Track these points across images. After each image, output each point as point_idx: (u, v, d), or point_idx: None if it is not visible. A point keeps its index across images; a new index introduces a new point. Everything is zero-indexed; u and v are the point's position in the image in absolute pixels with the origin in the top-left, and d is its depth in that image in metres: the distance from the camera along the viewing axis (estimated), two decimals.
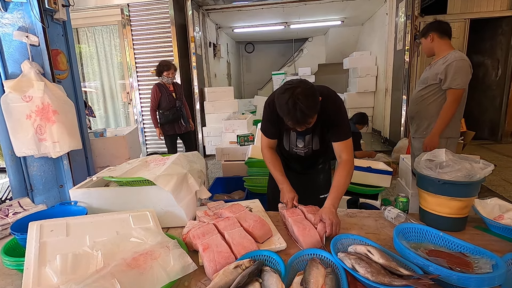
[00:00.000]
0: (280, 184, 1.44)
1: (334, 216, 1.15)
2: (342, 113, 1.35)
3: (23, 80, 2.12)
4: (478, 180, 1.10)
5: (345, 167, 1.33)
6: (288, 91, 1.14)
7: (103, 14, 4.97)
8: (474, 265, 0.83)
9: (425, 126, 2.14)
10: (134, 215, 1.14)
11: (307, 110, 1.13)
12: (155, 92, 3.52)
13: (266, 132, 1.49)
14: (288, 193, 1.38)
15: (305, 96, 1.12)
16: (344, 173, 1.32)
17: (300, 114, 1.13)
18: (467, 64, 1.95)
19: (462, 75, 1.93)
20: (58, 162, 2.41)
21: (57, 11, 2.30)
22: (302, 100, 1.11)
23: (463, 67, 1.93)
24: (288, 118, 1.18)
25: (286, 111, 1.15)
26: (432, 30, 2.11)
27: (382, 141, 5.94)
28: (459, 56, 1.97)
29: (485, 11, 4.88)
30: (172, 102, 3.56)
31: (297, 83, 1.16)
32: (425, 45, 2.18)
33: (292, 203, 1.34)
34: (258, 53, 10.24)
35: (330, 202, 1.23)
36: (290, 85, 1.16)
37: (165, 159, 1.50)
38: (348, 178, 1.32)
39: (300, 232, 1.10)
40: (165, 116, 3.56)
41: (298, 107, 1.11)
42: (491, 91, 5.36)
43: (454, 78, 1.93)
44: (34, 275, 0.83)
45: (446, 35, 2.09)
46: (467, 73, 1.94)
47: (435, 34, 2.09)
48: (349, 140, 1.36)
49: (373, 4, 6.02)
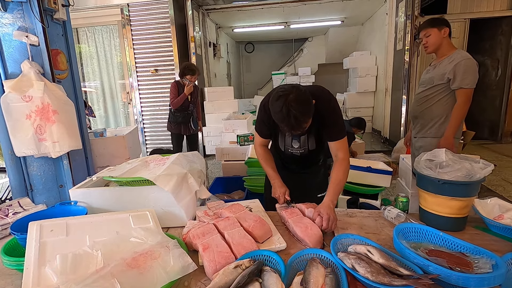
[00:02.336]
0: (272, 179, 1.47)
1: (332, 212, 1.18)
2: (337, 112, 1.37)
3: (23, 80, 2.12)
4: (478, 180, 1.10)
5: (341, 165, 1.36)
6: (281, 98, 1.15)
7: (103, 14, 4.98)
8: (474, 265, 0.83)
9: (430, 126, 2.12)
10: (134, 215, 1.14)
11: (301, 116, 1.15)
12: (175, 89, 3.49)
13: (260, 132, 1.53)
14: (279, 188, 1.42)
15: (298, 102, 1.14)
16: (341, 171, 1.35)
17: (294, 121, 1.15)
18: (475, 63, 1.92)
19: (471, 74, 1.90)
20: (58, 162, 2.41)
21: (57, 11, 2.30)
22: (295, 107, 1.13)
23: (471, 66, 1.91)
24: (283, 125, 1.20)
25: (281, 118, 1.18)
26: (446, 25, 2.03)
27: (382, 141, 5.94)
28: (466, 55, 1.94)
29: (485, 11, 4.88)
30: (185, 104, 3.56)
31: (289, 89, 1.17)
32: (435, 38, 2.04)
33: (284, 198, 1.38)
34: (258, 53, 10.24)
35: (328, 198, 1.26)
36: (283, 92, 1.17)
37: (165, 159, 1.50)
38: (345, 175, 1.35)
39: (303, 233, 1.10)
40: (175, 117, 3.57)
41: (292, 114, 1.13)
42: (491, 91, 5.37)
43: (464, 77, 1.90)
44: (34, 275, 0.83)
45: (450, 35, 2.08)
46: (475, 72, 1.91)
47: (448, 30, 2.03)
48: (344, 139, 1.39)
49: (373, 4, 6.02)
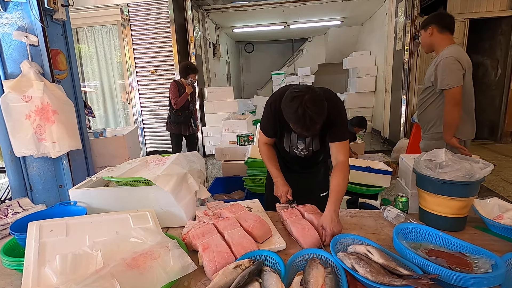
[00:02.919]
0: (275, 178, 1.47)
1: (336, 225, 1.13)
2: (342, 115, 1.36)
3: (23, 80, 2.12)
4: (477, 180, 1.10)
5: (342, 170, 1.32)
6: (297, 99, 1.13)
7: (103, 14, 4.97)
8: (473, 265, 0.83)
9: (427, 129, 2.11)
10: (133, 215, 1.14)
11: (317, 117, 1.13)
12: (175, 89, 3.49)
13: (265, 130, 1.51)
14: (282, 186, 1.41)
15: (314, 103, 1.12)
16: (342, 176, 1.30)
17: (310, 122, 1.13)
18: (452, 61, 1.82)
19: (449, 73, 1.82)
20: (58, 162, 2.41)
21: (57, 11, 2.30)
22: (312, 108, 1.11)
23: (448, 64, 1.82)
24: (298, 126, 1.18)
25: (296, 119, 1.15)
26: (433, 22, 1.95)
27: (381, 141, 5.94)
28: (446, 53, 1.86)
29: (484, 11, 4.89)
30: (186, 104, 3.57)
31: (305, 90, 1.15)
32: (424, 39, 2.02)
33: (286, 197, 1.36)
34: (257, 53, 10.23)
35: (331, 207, 1.20)
36: (297, 93, 1.15)
37: (165, 159, 1.49)
38: (346, 180, 1.31)
39: (299, 233, 1.10)
40: (176, 116, 3.58)
41: (308, 114, 1.11)
42: (491, 91, 5.37)
43: (442, 78, 1.85)
44: (33, 275, 0.83)
45: (447, 29, 1.93)
46: (454, 70, 1.81)
47: (435, 27, 1.94)
48: (346, 141, 1.36)
49: (373, 4, 6.02)
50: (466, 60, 1.87)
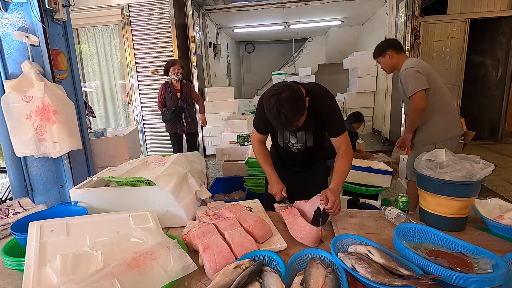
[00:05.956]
0: (269, 176, 1.50)
1: (338, 196, 1.23)
2: (335, 109, 1.40)
3: (23, 80, 2.12)
4: (478, 180, 1.10)
5: (345, 155, 1.40)
6: (274, 96, 1.19)
7: (103, 14, 4.97)
8: (474, 265, 0.83)
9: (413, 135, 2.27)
10: (134, 215, 1.14)
11: (292, 115, 1.18)
12: (161, 91, 3.59)
13: (257, 127, 1.55)
14: (276, 184, 1.44)
15: (289, 101, 1.17)
16: (345, 160, 1.39)
17: (285, 119, 1.18)
18: (412, 71, 2.04)
19: (410, 81, 2.03)
20: (58, 162, 2.41)
21: (57, 11, 2.30)
22: (286, 107, 1.16)
23: (408, 75, 2.05)
24: (275, 123, 1.24)
25: (272, 116, 1.21)
26: (389, 48, 2.20)
27: (382, 141, 5.94)
28: (404, 66, 2.11)
29: (485, 11, 4.88)
30: (175, 101, 3.56)
31: (282, 88, 1.20)
32: (385, 63, 2.26)
33: (281, 194, 1.41)
34: (258, 53, 10.23)
35: (334, 184, 1.31)
36: (276, 91, 1.20)
37: (165, 159, 1.50)
38: (349, 165, 1.40)
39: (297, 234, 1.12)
40: (164, 114, 3.58)
41: (283, 113, 1.16)
42: (491, 91, 5.35)
43: (407, 87, 2.06)
44: (34, 275, 0.83)
45: (401, 50, 2.21)
46: (413, 78, 2.03)
47: (393, 51, 2.19)
48: (345, 133, 1.43)
49: (373, 4, 6.02)
50: (424, 66, 2.10)
